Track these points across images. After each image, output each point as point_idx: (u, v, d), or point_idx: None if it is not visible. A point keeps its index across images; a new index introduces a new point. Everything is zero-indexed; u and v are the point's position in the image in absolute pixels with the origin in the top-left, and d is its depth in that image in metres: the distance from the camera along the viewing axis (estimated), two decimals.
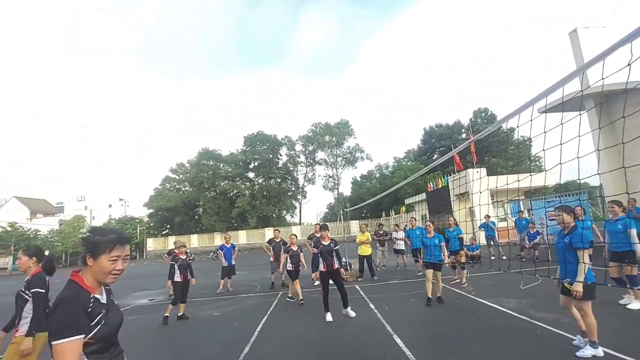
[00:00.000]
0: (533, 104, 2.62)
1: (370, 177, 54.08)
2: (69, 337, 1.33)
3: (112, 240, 1.53)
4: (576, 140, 2.59)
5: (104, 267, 1.51)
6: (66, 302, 1.40)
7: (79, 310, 1.41)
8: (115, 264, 1.53)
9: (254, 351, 4.80)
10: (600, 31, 11.29)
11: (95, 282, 1.54)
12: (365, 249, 10.32)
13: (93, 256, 1.52)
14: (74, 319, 1.38)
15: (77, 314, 1.40)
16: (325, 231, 6.46)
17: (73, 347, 1.34)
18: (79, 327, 1.38)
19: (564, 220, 3.83)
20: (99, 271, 1.52)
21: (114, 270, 1.54)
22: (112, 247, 1.52)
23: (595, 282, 3.66)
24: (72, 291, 1.46)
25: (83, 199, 66.82)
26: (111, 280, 1.56)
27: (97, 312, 1.47)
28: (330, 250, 6.28)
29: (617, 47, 1.88)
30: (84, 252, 1.54)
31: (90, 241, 1.53)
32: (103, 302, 1.54)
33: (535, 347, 4.09)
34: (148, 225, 46.47)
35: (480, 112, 42.10)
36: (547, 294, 6.46)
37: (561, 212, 3.87)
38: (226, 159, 45.75)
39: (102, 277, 1.53)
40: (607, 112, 10.50)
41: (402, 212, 30.30)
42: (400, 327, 5.31)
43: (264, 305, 7.76)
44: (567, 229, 3.81)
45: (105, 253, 1.51)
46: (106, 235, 1.54)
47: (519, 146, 32.15)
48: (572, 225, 3.79)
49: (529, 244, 10.92)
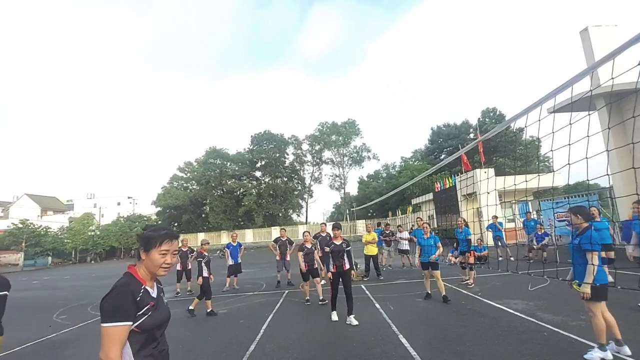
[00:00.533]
0: (542, 103, 2.60)
1: (377, 176, 53.90)
2: (117, 322, 1.47)
3: (162, 235, 1.68)
4: (585, 141, 2.56)
5: (155, 260, 1.66)
6: (119, 290, 1.56)
7: (129, 298, 1.54)
8: (165, 257, 1.68)
9: (260, 349, 4.83)
10: (613, 29, 11.08)
11: (147, 274, 1.69)
12: (372, 248, 10.31)
13: (145, 250, 1.67)
14: (123, 306, 1.51)
15: (127, 302, 1.53)
16: (338, 230, 6.31)
17: (119, 332, 1.47)
18: (126, 314, 1.51)
19: (573, 222, 3.80)
20: (151, 264, 1.67)
21: (163, 264, 1.68)
22: (162, 242, 1.66)
23: (605, 283, 3.61)
24: (126, 280, 1.62)
25: (92, 197, 67.73)
26: (162, 273, 1.70)
27: (145, 302, 1.59)
28: (342, 251, 6.10)
29: (627, 47, 1.85)
30: (138, 247, 1.70)
31: (143, 236, 1.69)
32: (153, 295, 1.67)
33: (542, 349, 4.05)
34: (156, 223, 46.88)
35: (489, 111, 41.67)
36: (555, 296, 6.40)
37: (570, 213, 3.84)
38: (233, 158, 45.97)
39: (154, 270, 1.68)
40: (619, 112, 10.32)
41: (409, 212, 30.15)
42: (405, 326, 5.31)
43: (270, 303, 7.80)
44: (580, 230, 3.76)
45: (155, 247, 1.65)
46: (157, 231, 1.70)
47: (527, 146, 31.73)
48: (584, 226, 3.75)
49: (537, 245, 10.79)
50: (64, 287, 15.07)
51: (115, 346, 1.46)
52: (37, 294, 13.34)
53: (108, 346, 1.46)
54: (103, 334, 1.47)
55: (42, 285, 16.89)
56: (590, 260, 3.57)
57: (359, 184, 54.97)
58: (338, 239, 6.24)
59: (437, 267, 7.00)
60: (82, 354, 5.33)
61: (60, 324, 7.42)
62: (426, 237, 7.25)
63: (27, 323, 7.86)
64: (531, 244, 11.21)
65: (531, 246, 11.17)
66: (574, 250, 3.78)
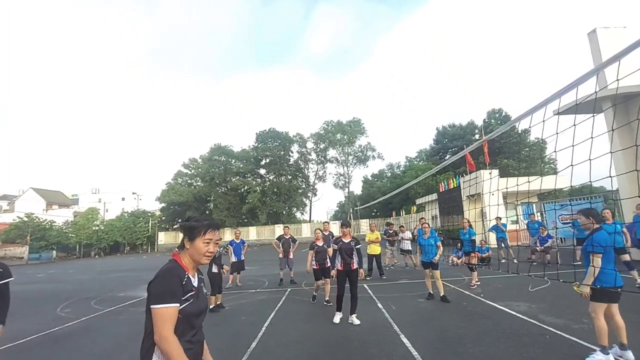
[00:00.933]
0: (546, 104, 2.59)
1: (382, 176, 53.82)
2: (167, 304, 1.57)
3: (205, 225, 1.77)
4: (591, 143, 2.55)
5: (199, 249, 1.75)
6: (167, 273, 1.66)
7: (176, 281, 1.65)
8: (208, 246, 1.77)
9: (261, 346, 4.86)
10: (621, 31, 10.94)
11: (191, 263, 1.78)
12: (375, 248, 10.30)
13: (190, 239, 1.76)
14: (172, 288, 1.62)
15: (175, 284, 1.64)
16: (347, 228, 6.14)
17: (169, 313, 1.57)
18: (175, 296, 1.61)
19: (583, 223, 3.81)
20: (195, 252, 1.76)
21: (207, 252, 1.77)
22: (206, 231, 1.76)
23: (610, 286, 3.58)
24: (172, 265, 1.72)
25: (97, 192, 68.27)
26: (205, 261, 1.80)
27: (188, 288, 1.69)
28: (350, 249, 5.91)
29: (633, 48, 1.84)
30: (182, 236, 1.80)
31: (187, 226, 1.78)
32: (194, 284, 1.76)
33: (543, 353, 4.03)
34: (160, 219, 47.23)
35: (494, 112, 41.36)
36: (558, 298, 6.36)
37: (581, 215, 3.88)
38: (238, 155, 46.13)
39: (198, 258, 1.77)
40: (626, 114, 10.21)
41: (413, 212, 30.07)
42: (407, 326, 5.31)
43: (272, 301, 7.83)
44: (589, 232, 3.77)
45: (200, 236, 1.75)
46: (201, 221, 1.79)
47: (532, 148, 31.48)
48: (593, 228, 3.74)
49: (540, 248, 10.73)
50: (68, 281, 15.23)
51: (167, 325, 1.55)
52: (42, 287, 13.50)
53: (161, 326, 1.54)
54: (155, 316, 1.56)
55: (47, 279, 17.08)
56: (591, 262, 3.57)
57: (363, 183, 54.95)
58: (347, 236, 6.06)
59: (437, 267, 7.03)
60: (86, 347, 5.39)
61: (64, 318, 7.50)
62: (426, 237, 7.28)
63: (31, 316, 7.96)
64: (534, 246, 11.15)
65: (534, 248, 11.11)
66: (583, 252, 3.80)
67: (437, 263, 7.03)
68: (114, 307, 8.35)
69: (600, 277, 3.58)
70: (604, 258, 3.58)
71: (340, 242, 6.02)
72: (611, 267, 3.58)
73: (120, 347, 5.22)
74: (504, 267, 8.53)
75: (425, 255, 7.20)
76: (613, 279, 3.56)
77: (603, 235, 3.64)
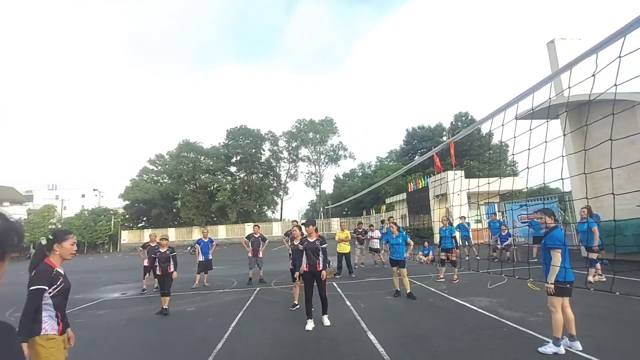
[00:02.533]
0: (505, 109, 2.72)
1: (353, 175, 54.44)
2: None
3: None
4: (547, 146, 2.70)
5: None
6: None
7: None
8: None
9: (227, 348, 4.75)
10: (576, 43, 11.73)
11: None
12: (344, 246, 10.39)
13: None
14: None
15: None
16: (311, 227, 5.82)
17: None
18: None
19: (546, 222, 4.04)
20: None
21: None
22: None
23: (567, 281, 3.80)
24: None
25: (54, 188, 64.13)
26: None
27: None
28: (316, 249, 5.60)
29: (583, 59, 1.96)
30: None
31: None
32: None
33: (502, 344, 4.24)
34: (123, 217, 45.09)
35: (461, 115, 43.07)
36: (516, 294, 6.72)
37: (543, 214, 4.11)
38: (207, 152, 44.92)
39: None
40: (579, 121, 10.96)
41: (383, 211, 30.70)
42: (374, 323, 5.39)
43: (240, 301, 7.69)
44: (547, 230, 4.00)
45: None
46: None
47: (496, 150, 33.10)
48: (551, 226, 3.98)
49: (500, 246, 11.29)
50: (19, 283, 14.05)
51: None
52: None
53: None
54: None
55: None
56: (553, 258, 3.79)
57: (335, 182, 55.32)
58: (312, 235, 5.75)
59: (404, 265, 7.23)
60: None
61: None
62: (395, 236, 7.49)
63: None
64: (495, 244, 11.72)
65: (495, 246, 11.67)
66: (543, 249, 4.01)
67: (404, 261, 7.23)
68: (69, 310, 7.82)
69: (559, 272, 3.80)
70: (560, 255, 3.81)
71: (306, 241, 5.74)
72: (564, 264, 3.81)
73: (75, 356, 4.89)
74: (467, 264, 8.89)
75: (394, 254, 7.38)
76: (563, 274, 3.80)
77: (560, 233, 3.89)
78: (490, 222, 12.74)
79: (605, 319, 4.97)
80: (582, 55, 1.97)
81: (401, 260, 7.23)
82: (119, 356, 4.80)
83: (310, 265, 5.62)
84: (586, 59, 1.98)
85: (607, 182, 9.89)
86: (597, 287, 6.38)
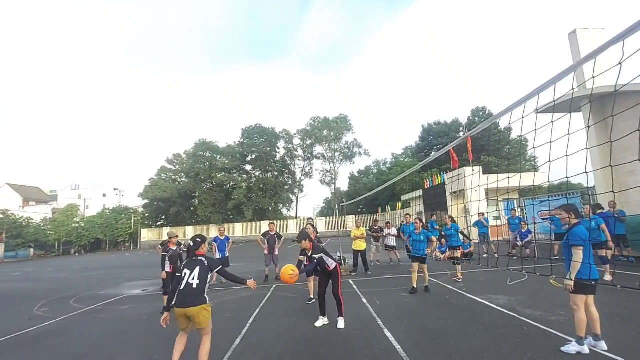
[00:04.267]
0: (524, 102, 2.65)
1: (368, 172, 54.17)
2: None
3: None
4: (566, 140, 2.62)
5: None
6: None
7: None
8: None
9: (245, 342, 4.83)
10: (600, 33, 11.27)
11: None
12: (360, 243, 10.37)
13: None
14: None
15: None
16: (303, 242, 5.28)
17: None
18: None
19: (563, 218, 3.93)
20: None
21: None
22: None
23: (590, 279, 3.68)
24: None
25: (77, 188, 66.39)
26: None
27: None
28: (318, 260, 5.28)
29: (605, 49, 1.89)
30: None
31: None
32: None
33: (521, 343, 4.15)
34: (143, 216, 46.30)
35: (479, 110, 42.14)
36: (536, 291, 6.56)
37: (562, 210, 3.99)
38: (223, 151, 45.57)
39: None
40: (602, 113, 10.55)
41: (399, 208, 30.43)
42: (390, 321, 5.37)
43: (257, 297, 7.79)
44: (569, 227, 3.88)
45: None
46: None
47: (514, 145, 32.26)
48: (573, 222, 3.86)
49: (520, 243, 11.02)
50: (46, 280, 14.77)
51: None
52: (18, 286, 13.05)
53: None
54: None
55: (24, 277, 16.53)
56: (573, 256, 3.68)
57: (350, 179, 55.20)
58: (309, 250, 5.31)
59: (425, 261, 7.29)
60: (63, 347, 5.23)
61: (41, 317, 7.27)
62: (418, 233, 7.50)
63: (6, 315, 7.69)
64: (514, 241, 11.45)
65: (515, 243, 11.40)
66: (564, 246, 3.90)
67: (425, 258, 7.23)
68: (93, 306, 8.15)
69: (581, 269, 3.69)
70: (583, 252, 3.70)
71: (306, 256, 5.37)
72: (587, 260, 3.69)
73: (98, 347, 5.09)
74: (485, 261, 8.73)
75: (415, 251, 7.42)
76: (588, 271, 3.68)
77: (582, 229, 3.77)
78: (510, 219, 12.46)
79: (629, 319, 4.79)
80: (608, 43, 1.89)
81: (423, 256, 7.26)
82: (139, 348, 4.95)
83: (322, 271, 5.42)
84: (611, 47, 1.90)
85: (632, 176, 9.50)
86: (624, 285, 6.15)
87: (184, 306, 3.81)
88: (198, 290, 3.89)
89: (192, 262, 4.02)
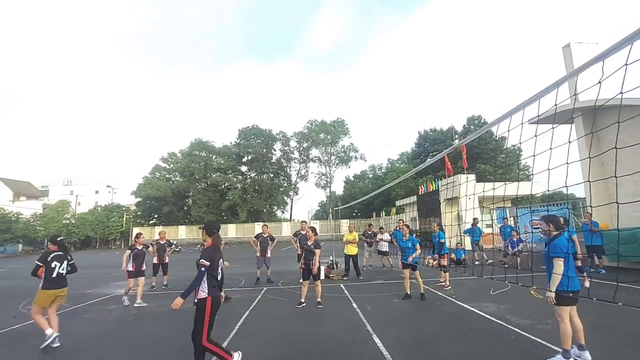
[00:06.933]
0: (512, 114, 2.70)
1: (364, 177, 54.31)
2: None
3: None
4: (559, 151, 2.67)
5: None
6: None
7: None
8: None
9: (232, 345, 4.78)
10: (593, 47, 11.48)
11: None
12: (352, 248, 10.37)
13: None
14: None
15: None
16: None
17: None
18: None
19: (543, 229, 3.95)
20: None
21: None
22: None
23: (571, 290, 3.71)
24: None
25: (69, 184, 65.74)
26: None
27: None
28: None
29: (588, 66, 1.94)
30: None
31: None
32: None
33: (509, 352, 4.18)
34: (135, 214, 45.91)
35: (474, 119, 42.53)
36: (524, 301, 6.60)
37: (543, 221, 4.00)
38: (219, 151, 45.46)
39: None
40: (596, 126, 10.70)
41: (393, 213, 30.53)
42: (380, 326, 5.37)
43: (247, 300, 7.75)
44: (550, 238, 3.90)
45: None
46: None
47: (509, 154, 32.61)
48: (553, 234, 3.88)
49: (511, 251, 11.11)
50: (32, 277, 14.50)
51: None
52: (3, 283, 12.84)
53: None
54: None
55: (9, 274, 16.27)
56: (555, 267, 3.70)
57: (345, 183, 55.30)
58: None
59: (416, 268, 7.30)
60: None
61: (26, 315, 7.14)
62: (405, 239, 7.50)
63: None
64: (506, 249, 11.53)
65: (506, 251, 11.49)
66: (545, 257, 3.92)
67: (416, 264, 7.25)
68: (80, 305, 8.05)
69: (562, 281, 3.71)
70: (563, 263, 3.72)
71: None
72: (567, 272, 3.71)
73: (81, 347, 5.00)
74: (477, 270, 8.78)
75: (405, 257, 7.46)
76: (566, 283, 3.71)
77: (562, 241, 3.79)
78: (502, 227, 12.56)
79: (614, 329, 4.85)
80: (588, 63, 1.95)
81: (413, 263, 7.28)
82: (124, 351, 4.88)
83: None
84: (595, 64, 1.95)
85: (621, 188, 9.64)
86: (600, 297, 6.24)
87: None
88: None
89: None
